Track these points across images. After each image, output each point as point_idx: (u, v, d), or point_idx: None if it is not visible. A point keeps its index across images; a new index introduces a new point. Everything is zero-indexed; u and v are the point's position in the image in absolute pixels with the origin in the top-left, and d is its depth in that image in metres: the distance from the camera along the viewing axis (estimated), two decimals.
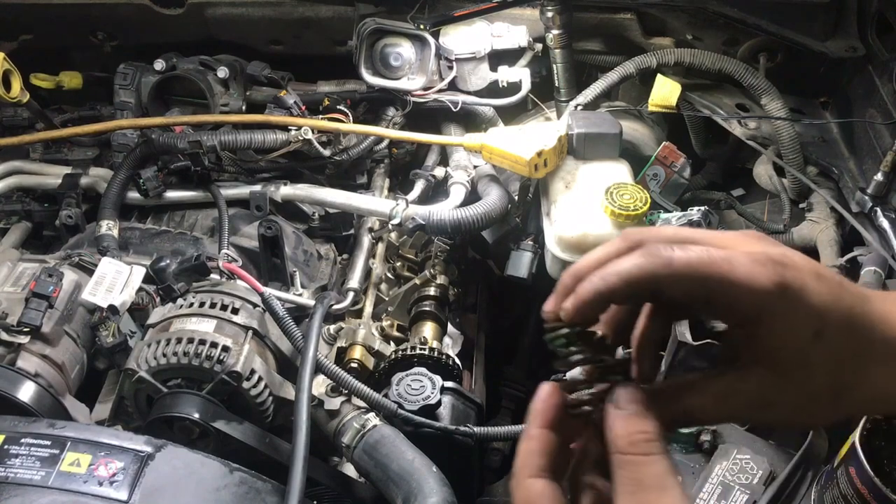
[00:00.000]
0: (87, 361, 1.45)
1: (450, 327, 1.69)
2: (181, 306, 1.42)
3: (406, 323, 1.66)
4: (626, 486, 0.53)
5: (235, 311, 1.41)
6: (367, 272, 1.73)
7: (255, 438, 1.31)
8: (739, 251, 0.55)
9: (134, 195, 1.77)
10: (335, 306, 1.58)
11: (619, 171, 1.66)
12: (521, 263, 1.71)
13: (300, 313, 1.55)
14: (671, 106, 1.78)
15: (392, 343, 1.60)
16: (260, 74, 1.94)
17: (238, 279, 1.49)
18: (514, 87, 1.92)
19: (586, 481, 0.60)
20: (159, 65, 1.91)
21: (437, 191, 1.86)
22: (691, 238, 0.57)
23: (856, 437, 0.96)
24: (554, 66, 1.86)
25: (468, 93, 1.92)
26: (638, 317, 0.62)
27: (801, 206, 1.73)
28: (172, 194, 1.79)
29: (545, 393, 0.60)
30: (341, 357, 1.53)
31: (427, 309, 1.65)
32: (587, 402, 0.59)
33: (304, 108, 1.84)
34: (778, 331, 0.55)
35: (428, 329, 1.62)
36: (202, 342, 1.33)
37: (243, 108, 1.91)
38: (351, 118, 1.86)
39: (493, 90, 1.92)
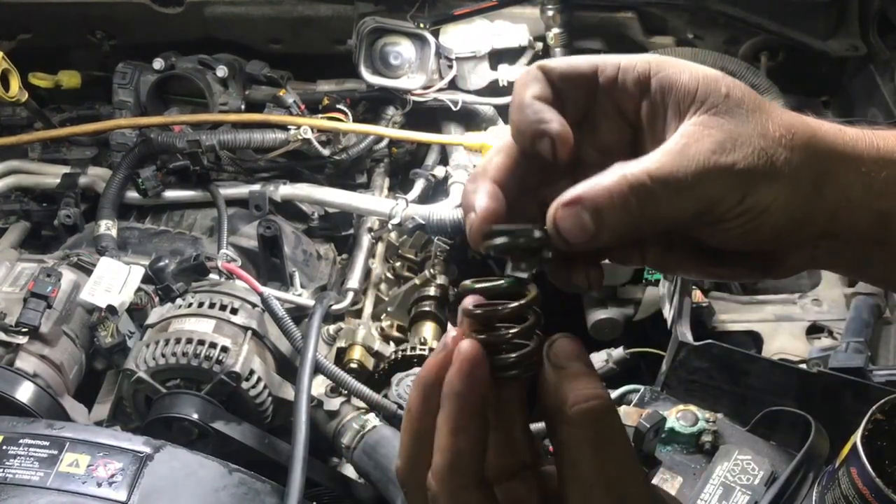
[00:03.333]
0: (86, 362, 1.44)
1: (450, 327, 1.69)
2: (180, 306, 1.41)
3: (406, 323, 1.66)
4: (589, 468, 0.45)
5: (234, 312, 1.41)
6: (367, 272, 1.72)
7: (254, 439, 1.31)
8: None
9: (133, 195, 1.77)
10: (334, 306, 1.58)
11: None
12: None
13: (299, 313, 1.54)
14: None
15: (392, 343, 1.60)
16: (259, 73, 1.93)
17: (237, 279, 1.48)
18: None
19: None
20: (158, 64, 1.91)
21: (437, 190, 1.86)
22: None
23: (857, 437, 0.96)
24: None
25: (468, 92, 1.91)
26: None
27: None
28: (171, 194, 1.79)
29: (473, 360, 0.46)
30: (341, 357, 1.52)
31: (427, 309, 1.64)
32: (515, 365, 0.47)
33: (303, 107, 1.84)
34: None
35: (428, 329, 1.61)
36: (201, 342, 1.33)
37: (242, 107, 1.91)
38: (350, 117, 1.85)
39: (493, 89, 1.92)
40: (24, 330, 1.32)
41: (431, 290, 1.67)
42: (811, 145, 0.51)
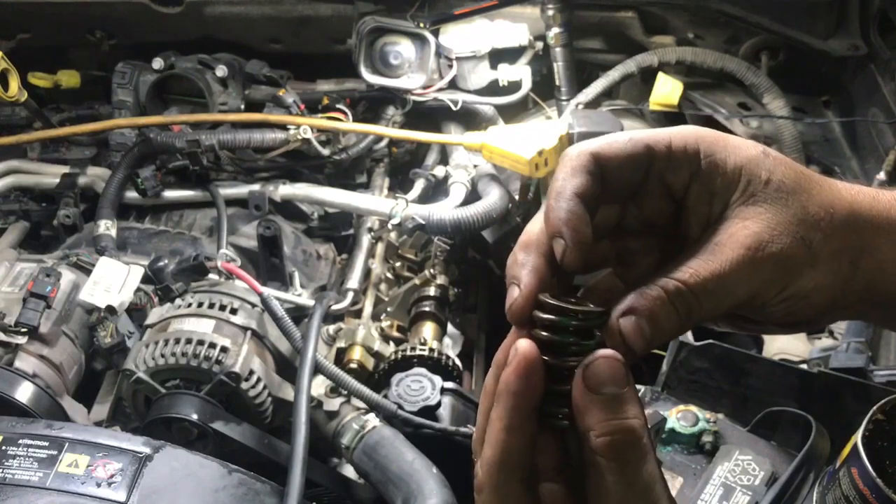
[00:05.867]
0: (85, 362, 1.44)
1: (450, 327, 1.69)
2: (179, 306, 1.41)
3: (406, 323, 1.66)
4: (609, 497, 0.46)
5: (234, 312, 1.41)
6: (367, 272, 1.72)
7: (253, 439, 1.31)
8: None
9: (132, 195, 1.77)
10: (334, 306, 1.57)
11: None
12: None
13: (299, 314, 1.54)
14: (673, 105, 1.77)
15: (392, 343, 1.60)
16: (259, 73, 1.93)
17: (237, 279, 1.48)
18: (514, 86, 1.91)
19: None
20: (157, 63, 1.90)
21: (436, 190, 1.85)
22: None
23: (858, 437, 0.96)
24: (555, 64, 1.85)
25: (468, 91, 1.91)
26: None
27: None
28: (171, 194, 1.79)
29: (529, 361, 0.47)
30: (340, 358, 1.52)
31: (427, 309, 1.64)
32: (563, 415, 0.47)
33: (303, 106, 1.83)
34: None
35: (428, 329, 1.61)
36: (200, 342, 1.32)
37: (242, 106, 1.91)
38: (350, 117, 1.85)
39: (493, 89, 1.91)
40: (23, 330, 1.32)
41: (431, 290, 1.67)
42: (849, 223, 0.53)
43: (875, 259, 0.53)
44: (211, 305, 1.40)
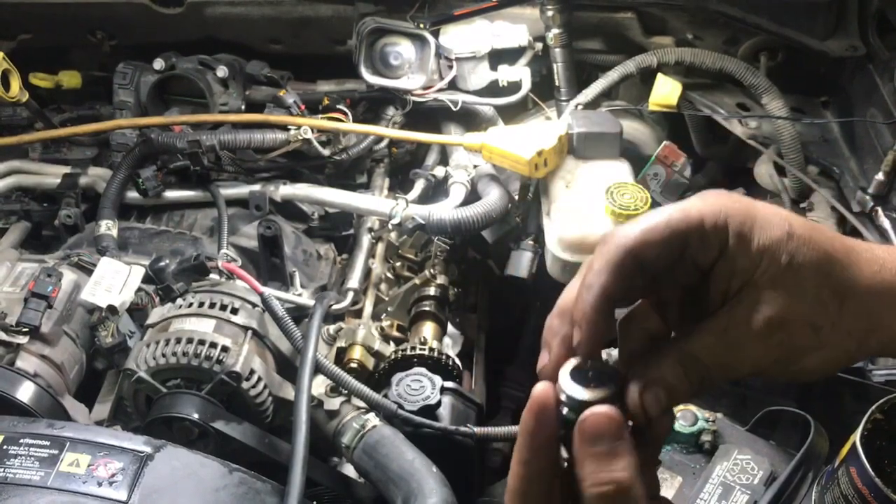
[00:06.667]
0: (87, 361, 1.44)
1: (450, 327, 1.69)
2: (180, 306, 1.41)
3: (406, 323, 1.66)
4: None
5: (235, 311, 1.41)
6: (367, 272, 1.72)
7: (254, 439, 1.31)
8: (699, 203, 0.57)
9: (133, 195, 1.77)
10: (335, 306, 1.58)
11: (620, 170, 1.66)
12: (521, 263, 1.71)
13: (299, 313, 1.54)
14: (672, 105, 1.78)
15: (392, 343, 1.60)
16: (259, 74, 1.93)
17: (237, 279, 1.48)
18: (514, 87, 1.91)
19: None
20: (158, 64, 1.91)
21: (436, 190, 1.86)
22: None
23: (857, 436, 0.96)
24: (554, 65, 1.86)
25: (468, 92, 1.91)
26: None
27: (801, 205, 1.73)
28: (171, 194, 1.79)
29: (541, 403, 0.52)
30: (341, 357, 1.52)
31: (427, 309, 1.64)
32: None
33: (303, 107, 1.84)
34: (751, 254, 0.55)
35: (428, 329, 1.62)
36: (201, 342, 1.33)
37: (242, 107, 1.91)
38: (350, 117, 1.86)
39: (493, 89, 1.92)
40: (24, 330, 1.32)
41: (431, 290, 1.67)
42: (863, 306, 0.56)
43: (886, 335, 0.56)
44: (212, 305, 1.41)
